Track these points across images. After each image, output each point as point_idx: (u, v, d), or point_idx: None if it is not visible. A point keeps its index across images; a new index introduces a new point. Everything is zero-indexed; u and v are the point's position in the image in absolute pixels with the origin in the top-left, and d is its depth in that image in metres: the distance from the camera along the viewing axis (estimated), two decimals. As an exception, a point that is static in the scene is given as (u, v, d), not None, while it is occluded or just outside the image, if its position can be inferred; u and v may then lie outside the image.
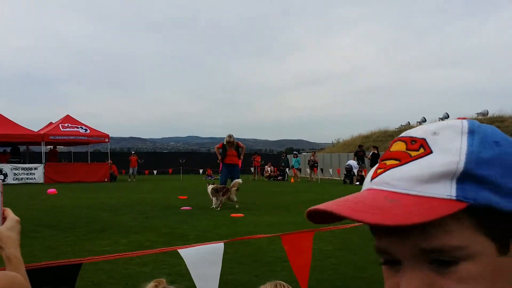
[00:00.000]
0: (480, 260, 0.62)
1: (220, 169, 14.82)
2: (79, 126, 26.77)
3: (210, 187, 12.60)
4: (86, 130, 26.86)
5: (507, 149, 0.65)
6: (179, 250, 2.26)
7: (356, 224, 4.83)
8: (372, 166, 24.97)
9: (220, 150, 13.60)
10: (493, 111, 33.32)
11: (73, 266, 1.90)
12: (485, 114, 33.22)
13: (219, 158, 13.68)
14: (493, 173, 0.63)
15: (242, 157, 13.96)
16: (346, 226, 4.25)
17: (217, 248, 2.39)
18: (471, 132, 0.65)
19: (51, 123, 28.09)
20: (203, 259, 2.34)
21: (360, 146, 27.14)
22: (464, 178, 0.62)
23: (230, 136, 13.78)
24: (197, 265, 2.32)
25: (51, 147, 28.79)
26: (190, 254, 2.29)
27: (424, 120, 36.78)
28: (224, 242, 2.42)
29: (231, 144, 13.63)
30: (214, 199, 12.24)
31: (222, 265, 2.38)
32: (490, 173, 0.63)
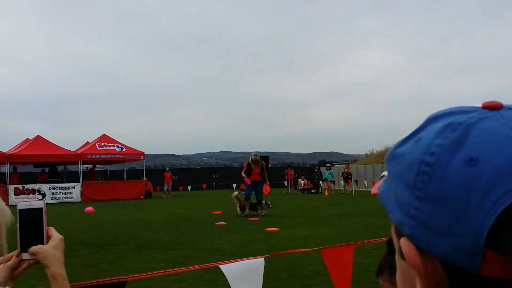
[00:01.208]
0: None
1: (243, 186, 15.60)
2: (115, 145, 27.27)
3: (234, 193, 14.36)
4: (122, 148, 27.34)
5: None
6: (220, 266, 2.27)
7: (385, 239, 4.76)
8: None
9: (245, 169, 14.22)
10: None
11: (118, 284, 1.93)
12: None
13: (243, 176, 14.20)
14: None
15: (265, 174, 14.46)
16: (384, 239, 4.18)
17: (258, 263, 2.39)
18: None
19: (87, 143, 28.70)
20: (244, 275, 2.34)
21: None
22: None
23: (255, 155, 14.30)
24: (238, 281, 2.33)
25: (90, 166, 29.39)
26: (231, 269, 2.30)
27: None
28: (264, 257, 2.42)
29: (256, 163, 14.02)
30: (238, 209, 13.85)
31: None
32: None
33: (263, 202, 14.20)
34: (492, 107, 0.61)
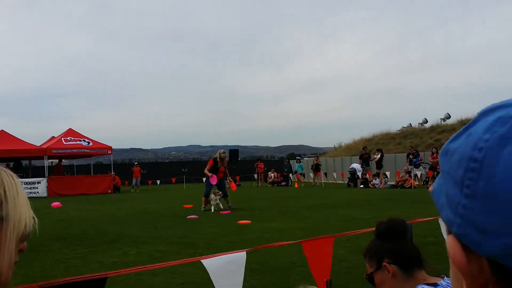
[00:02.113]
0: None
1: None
2: (81, 139, 26.76)
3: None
4: (88, 143, 26.85)
5: None
6: (202, 261, 2.22)
7: (371, 229, 4.78)
8: (378, 168, 25.00)
9: (211, 166, 13.79)
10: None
11: (99, 281, 1.86)
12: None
13: (210, 175, 13.70)
14: None
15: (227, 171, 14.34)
16: (361, 231, 4.21)
17: (240, 257, 2.35)
18: None
19: (53, 137, 28.09)
20: (226, 269, 2.30)
21: (364, 148, 27.12)
22: None
23: (225, 152, 14.12)
24: (220, 275, 2.28)
25: (56, 161, 28.78)
26: (212, 264, 2.26)
27: (425, 121, 36.71)
28: (246, 251, 2.38)
29: (222, 160, 13.89)
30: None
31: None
32: None
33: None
34: None
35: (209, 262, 2.24)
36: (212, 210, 13.41)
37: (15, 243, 1.07)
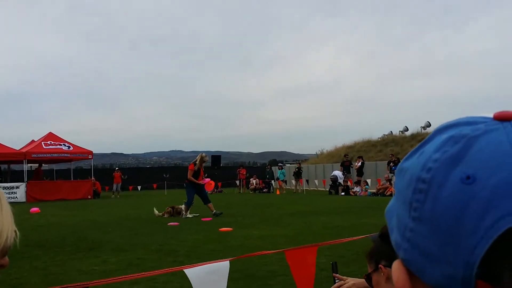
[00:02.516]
0: None
1: (209, 188, 15.01)
2: (62, 144, 26.43)
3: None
4: (69, 147, 26.54)
5: None
6: (185, 270, 2.20)
7: (354, 238, 4.79)
8: (358, 176, 25.17)
9: (192, 172, 13.58)
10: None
11: (80, 291, 1.83)
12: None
13: (193, 180, 13.53)
14: None
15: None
16: (344, 240, 4.22)
17: (223, 266, 2.33)
18: None
19: (33, 141, 27.70)
20: (209, 278, 2.28)
21: (346, 155, 27.28)
22: None
23: (206, 156, 14.00)
24: (202, 285, 2.27)
25: (36, 165, 28.39)
26: (195, 273, 2.24)
27: (406, 129, 37.10)
28: (229, 260, 2.37)
29: (201, 164, 13.76)
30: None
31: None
32: None
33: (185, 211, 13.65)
34: (504, 118, 0.55)
35: (191, 272, 2.22)
36: (191, 216, 13.41)
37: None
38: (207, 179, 14.23)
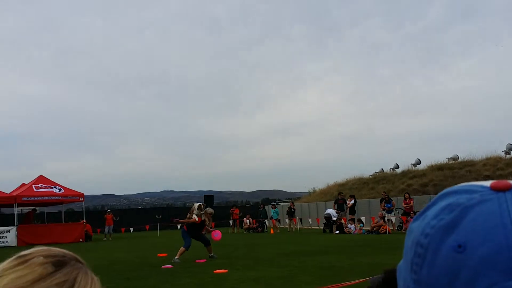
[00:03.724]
0: None
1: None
2: (53, 186, 26.20)
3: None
4: (60, 189, 26.30)
5: None
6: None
7: (353, 282, 4.75)
8: (351, 214, 25.04)
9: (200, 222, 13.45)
10: (463, 155, 33.90)
11: None
12: (455, 158, 33.84)
13: (215, 235, 13.90)
14: None
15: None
16: (343, 284, 4.18)
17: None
18: None
19: (24, 184, 27.45)
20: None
21: (340, 193, 27.22)
22: None
23: (209, 208, 14.22)
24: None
25: (29, 208, 28.04)
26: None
27: (397, 167, 37.23)
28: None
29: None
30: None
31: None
32: None
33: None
34: (499, 188, 0.57)
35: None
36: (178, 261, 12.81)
37: None
38: (217, 232, 14.17)
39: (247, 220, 31.23)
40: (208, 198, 35.73)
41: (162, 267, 11.54)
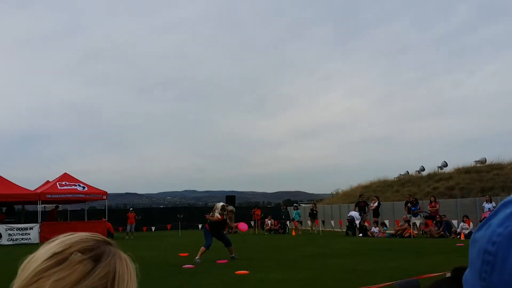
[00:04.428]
0: None
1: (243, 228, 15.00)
2: (76, 184, 26.43)
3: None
4: (83, 187, 26.52)
5: None
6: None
7: (379, 286, 4.54)
8: (375, 216, 24.66)
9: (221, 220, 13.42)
10: (491, 158, 33.15)
11: None
12: (483, 161, 33.15)
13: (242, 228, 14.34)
14: None
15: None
16: (378, 286, 3.98)
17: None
18: None
19: (48, 182, 27.77)
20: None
21: (361, 196, 26.83)
22: None
23: (229, 206, 13.94)
24: None
25: (52, 206, 28.38)
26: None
27: (422, 169, 36.65)
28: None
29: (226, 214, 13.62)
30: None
31: None
32: None
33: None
34: None
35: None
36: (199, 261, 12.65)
37: None
38: (244, 224, 14.35)
39: (269, 221, 31.07)
40: (230, 198, 35.65)
41: (184, 266, 11.46)
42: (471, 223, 20.48)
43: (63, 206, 31.81)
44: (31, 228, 24.09)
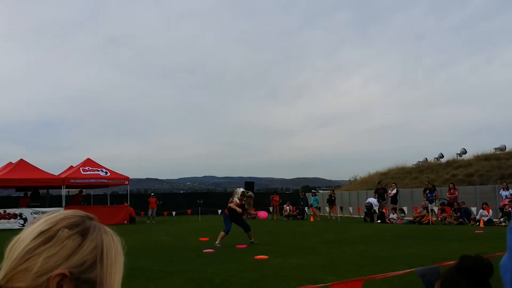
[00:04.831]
0: None
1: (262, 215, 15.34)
2: (99, 169, 26.96)
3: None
4: (106, 173, 27.04)
5: None
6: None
7: (400, 272, 4.72)
8: (393, 203, 24.71)
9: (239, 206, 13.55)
10: (511, 146, 32.77)
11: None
12: (503, 149, 32.82)
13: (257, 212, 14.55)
14: None
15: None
16: (389, 274, 4.16)
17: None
18: None
19: (72, 167, 28.37)
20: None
21: (379, 182, 26.87)
22: None
23: (248, 192, 14.05)
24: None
25: (76, 190, 29.01)
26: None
27: (441, 156, 36.44)
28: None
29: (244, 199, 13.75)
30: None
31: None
32: None
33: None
34: None
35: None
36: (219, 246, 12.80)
37: None
38: (263, 212, 14.65)
39: (287, 207, 31.30)
40: (249, 184, 35.96)
41: (204, 251, 11.74)
42: (490, 210, 20.42)
43: (86, 191, 32.44)
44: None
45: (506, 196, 20.61)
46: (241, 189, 14.07)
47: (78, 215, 1.07)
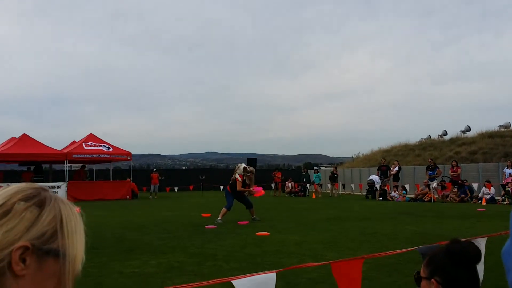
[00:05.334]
0: None
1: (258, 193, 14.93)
2: (102, 145, 27.01)
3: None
4: (109, 148, 27.10)
5: None
6: (232, 281, 2.20)
7: (400, 251, 4.69)
8: (394, 181, 24.76)
9: (241, 183, 13.45)
10: (516, 123, 32.62)
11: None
12: (507, 126, 32.67)
13: (256, 191, 13.98)
14: None
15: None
16: (390, 253, 4.14)
17: (270, 277, 2.32)
18: None
19: (74, 142, 28.42)
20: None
21: (383, 159, 26.86)
22: None
23: (249, 167, 13.94)
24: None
25: (78, 165, 29.14)
26: (242, 284, 2.23)
27: (445, 133, 36.34)
28: (276, 272, 2.35)
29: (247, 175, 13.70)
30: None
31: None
32: None
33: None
34: None
35: (239, 283, 2.22)
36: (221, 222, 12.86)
37: (71, 286, 1.00)
38: (260, 188, 14.38)
39: (289, 184, 31.40)
40: (251, 160, 36.01)
41: (206, 227, 11.78)
42: (492, 188, 20.42)
43: (89, 166, 32.58)
44: (58, 187, 24.82)
45: (509, 173, 20.56)
46: (243, 165, 14.04)
47: (32, 187, 1.03)
